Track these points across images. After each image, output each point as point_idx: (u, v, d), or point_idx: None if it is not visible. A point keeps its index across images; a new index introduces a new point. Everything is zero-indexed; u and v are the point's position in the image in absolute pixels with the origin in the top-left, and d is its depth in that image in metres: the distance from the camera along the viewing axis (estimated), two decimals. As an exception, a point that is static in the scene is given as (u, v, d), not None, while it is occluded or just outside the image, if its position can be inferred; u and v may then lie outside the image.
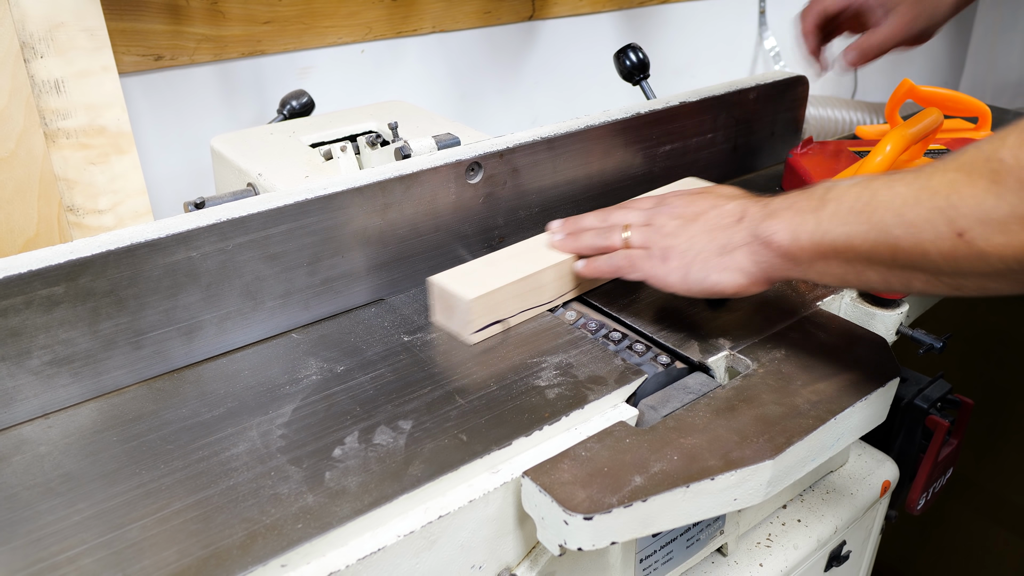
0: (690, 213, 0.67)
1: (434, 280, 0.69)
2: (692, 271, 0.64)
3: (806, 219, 0.57)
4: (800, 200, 0.59)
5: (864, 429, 0.62)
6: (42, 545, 0.48)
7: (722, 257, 0.62)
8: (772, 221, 0.59)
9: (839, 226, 0.55)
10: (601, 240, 0.71)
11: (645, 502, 0.50)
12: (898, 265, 0.52)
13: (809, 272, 0.58)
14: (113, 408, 0.60)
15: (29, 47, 0.85)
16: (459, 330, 0.68)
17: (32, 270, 0.55)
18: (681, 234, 0.65)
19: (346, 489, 0.51)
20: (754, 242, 0.60)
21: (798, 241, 0.57)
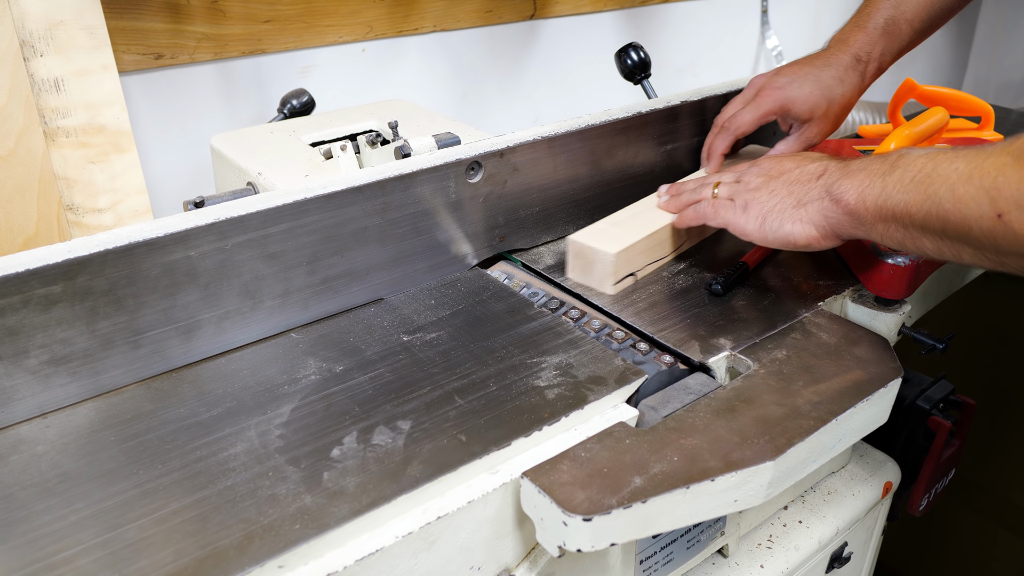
0: (775, 171, 0.71)
1: (573, 238, 0.76)
2: (768, 220, 0.68)
3: (874, 182, 0.61)
4: (874, 163, 0.62)
5: (866, 430, 0.62)
6: (39, 545, 0.47)
7: (796, 209, 0.67)
8: (845, 180, 0.64)
9: (900, 193, 0.58)
10: (695, 195, 0.77)
11: (645, 503, 0.50)
12: (948, 236, 0.56)
13: (872, 232, 0.63)
14: (111, 408, 0.60)
15: (29, 45, 0.85)
16: (598, 283, 0.75)
17: (30, 269, 0.55)
18: (763, 188, 0.70)
19: (344, 490, 0.51)
20: (826, 198, 0.65)
21: (863, 202, 0.62)
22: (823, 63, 0.87)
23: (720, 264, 0.81)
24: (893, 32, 0.88)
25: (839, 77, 0.86)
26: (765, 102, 0.86)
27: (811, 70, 0.86)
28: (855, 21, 0.90)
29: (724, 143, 0.89)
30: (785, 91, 0.86)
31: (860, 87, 0.88)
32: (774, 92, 0.86)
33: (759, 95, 0.87)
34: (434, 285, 0.77)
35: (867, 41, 0.88)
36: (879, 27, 0.88)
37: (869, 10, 0.90)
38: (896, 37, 0.89)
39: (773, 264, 0.81)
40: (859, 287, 0.77)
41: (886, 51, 0.89)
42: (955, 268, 0.91)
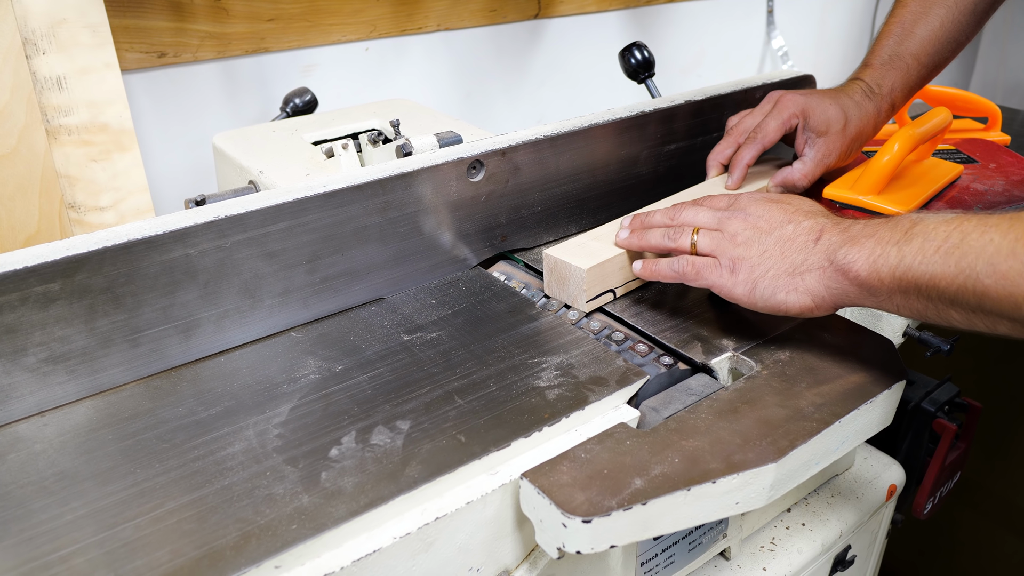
0: (764, 224, 0.65)
1: (548, 252, 0.73)
2: (760, 287, 0.62)
3: (888, 251, 0.56)
4: (883, 230, 0.58)
5: (870, 432, 0.61)
6: (34, 544, 0.47)
7: (792, 277, 0.61)
8: (851, 248, 0.58)
9: (923, 264, 0.54)
10: (668, 242, 0.69)
11: (645, 505, 0.49)
12: (984, 311, 0.52)
13: (885, 303, 0.58)
14: (109, 406, 0.59)
15: (31, 43, 0.85)
16: (572, 299, 0.72)
17: (28, 266, 0.54)
18: (752, 245, 0.64)
19: (342, 490, 0.51)
20: (829, 267, 0.60)
21: (877, 273, 0.57)
22: (838, 91, 0.88)
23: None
24: (899, 66, 0.89)
25: (855, 102, 0.87)
26: (786, 107, 0.85)
27: (827, 92, 0.88)
28: (864, 61, 0.92)
29: (752, 154, 0.86)
30: (805, 99, 0.86)
31: (876, 118, 0.88)
32: (795, 98, 0.86)
33: (779, 104, 0.86)
34: (435, 284, 0.76)
35: (876, 75, 0.89)
36: (884, 61, 0.89)
37: (875, 48, 0.91)
38: (903, 71, 0.89)
39: (777, 265, 0.80)
40: (864, 288, 0.76)
41: (896, 85, 0.89)
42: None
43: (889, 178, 0.84)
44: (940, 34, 0.89)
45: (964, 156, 1.01)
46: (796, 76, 1.03)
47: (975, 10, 0.91)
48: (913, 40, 0.89)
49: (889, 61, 0.89)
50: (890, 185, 0.88)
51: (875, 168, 0.84)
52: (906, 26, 0.89)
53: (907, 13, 0.90)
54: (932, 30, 0.89)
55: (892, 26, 0.91)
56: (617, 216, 0.79)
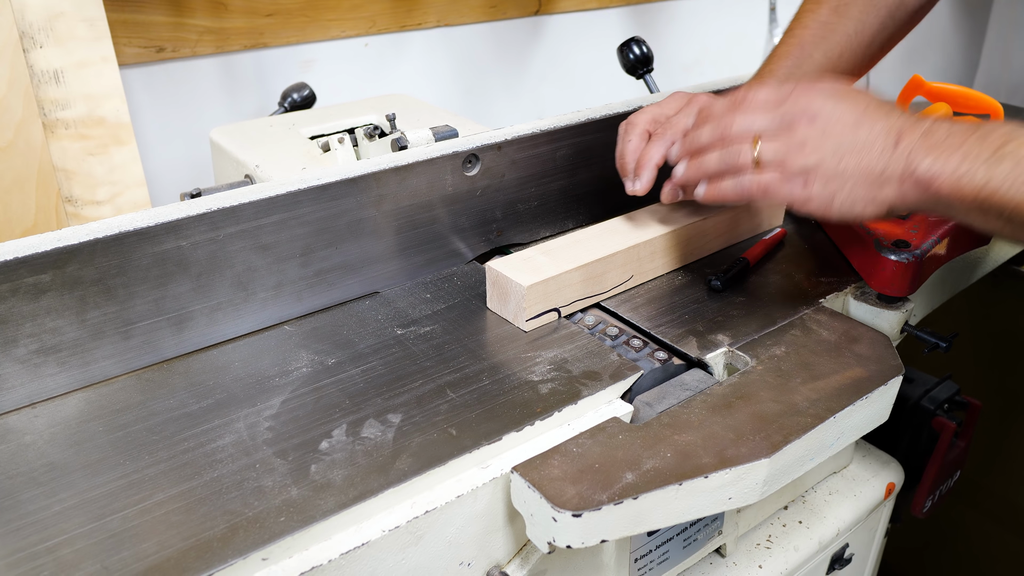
0: (835, 128, 0.59)
1: (491, 265, 0.69)
2: (838, 199, 0.58)
3: (976, 168, 0.53)
4: (970, 141, 0.54)
5: (865, 428, 0.61)
6: (22, 535, 0.47)
7: (870, 188, 0.57)
8: (936, 159, 0.55)
9: (1013, 189, 0.52)
10: (729, 159, 0.62)
11: (636, 499, 0.49)
12: None
13: (959, 216, 0.56)
14: (100, 398, 0.59)
15: (28, 37, 0.85)
16: (513, 317, 0.68)
17: (18, 257, 0.54)
18: (822, 151, 0.58)
19: (331, 482, 0.50)
20: (910, 178, 0.56)
21: (960, 190, 0.54)
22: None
23: (720, 260, 0.79)
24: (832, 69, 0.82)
25: None
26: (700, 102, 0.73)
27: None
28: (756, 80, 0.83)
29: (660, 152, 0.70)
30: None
31: None
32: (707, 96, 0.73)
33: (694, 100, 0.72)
34: (430, 279, 0.76)
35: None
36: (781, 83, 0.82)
37: (770, 67, 0.82)
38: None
39: (774, 260, 0.80)
40: (862, 284, 0.75)
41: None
42: (961, 266, 0.89)
43: (888, 174, 0.83)
44: (838, 63, 0.82)
45: (965, 153, 1.00)
46: (796, 72, 1.03)
47: (872, 43, 0.84)
48: (811, 64, 0.81)
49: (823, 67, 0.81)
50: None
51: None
52: (805, 48, 0.81)
53: (807, 34, 0.82)
54: (830, 58, 0.82)
55: (790, 46, 0.82)
56: (614, 213, 0.78)
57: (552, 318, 0.69)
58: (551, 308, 0.68)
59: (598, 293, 0.71)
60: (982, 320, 1.24)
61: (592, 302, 0.71)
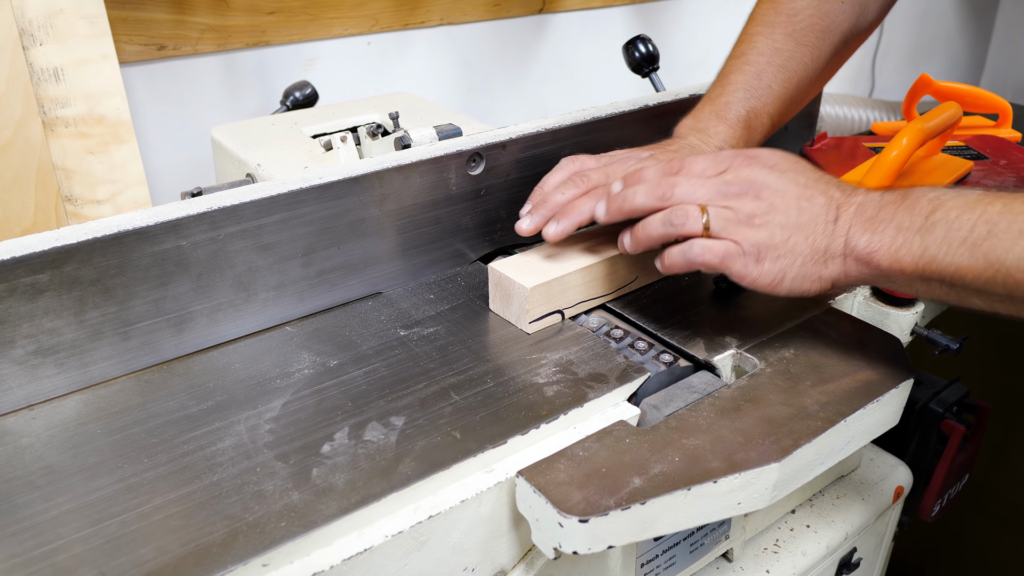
0: (779, 201, 0.59)
1: (494, 267, 0.68)
2: (788, 278, 0.58)
3: (910, 240, 0.54)
4: (900, 213, 0.55)
5: (876, 432, 0.60)
6: (18, 540, 0.46)
7: (817, 266, 0.58)
8: (872, 235, 0.56)
9: (948, 256, 0.52)
10: (671, 228, 0.60)
11: (644, 505, 0.48)
12: (1011, 300, 0.51)
13: (904, 288, 0.57)
14: (99, 400, 0.58)
15: (28, 34, 0.84)
16: (516, 319, 0.67)
17: (15, 257, 0.53)
18: (774, 229, 0.58)
19: (333, 486, 0.50)
20: (849, 256, 0.57)
21: (899, 263, 0.55)
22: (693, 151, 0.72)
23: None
24: (754, 125, 0.76)
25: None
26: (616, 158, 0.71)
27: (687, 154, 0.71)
28: (711, 109, 0.76)
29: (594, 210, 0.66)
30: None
31: None
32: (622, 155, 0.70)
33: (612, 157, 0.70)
34: (434, 279, 0.75)
35: (730, 135, 0.74)
36: (740, 120, 0.75)
37: (725, 97, 0.76)
38: (757, 131, 0.77)
39: (782, 261, 0.79)
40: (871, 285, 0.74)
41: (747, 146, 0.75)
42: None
43: (897, 173, 0.82)
44: (795, 93, 0.78)
45: (974, 152, 0.99)
46: (803, 71, 1.02)
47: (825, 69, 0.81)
48: (770, 96, 0.76)
49: (746, 119, 0.75)
50: (898, 180, 0.86)
51: (883, 163, 0.82)
52: (762, 77, 0.76)
53: (762, 61, 0.77)
54: (787, 88, 0.77)
55: (746, 74, 0.77)
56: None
57: (555, 320, 0.68)
58: (555, 310, 0.67)
59: (603, 295, 0.70)
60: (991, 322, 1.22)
61: (596, 304, 0.70)
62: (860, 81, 2.07)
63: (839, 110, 1.62)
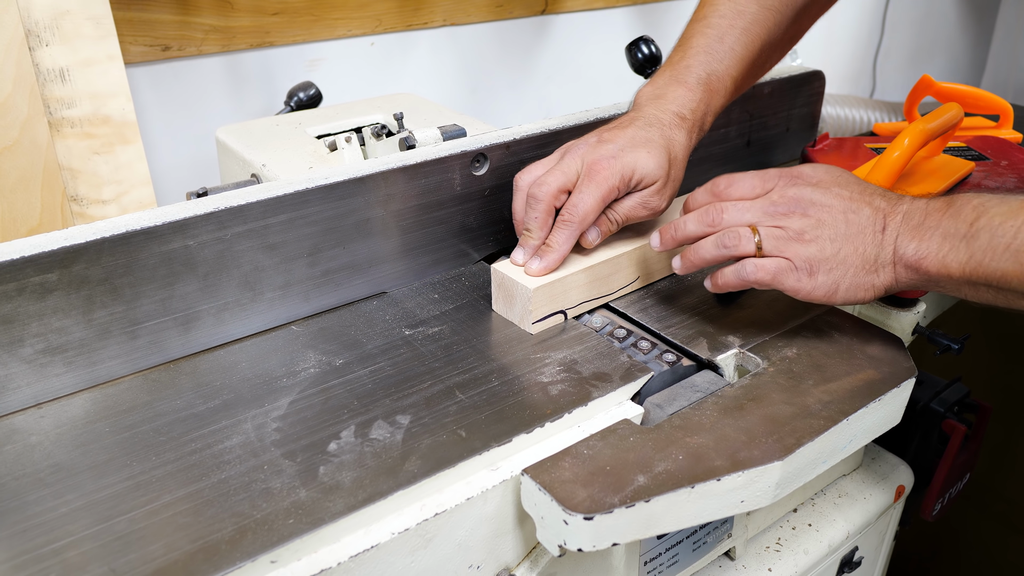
0: (827, 216, 0.61)
1: (497, 267, 0.68)
2: (842, 288, 0.60)
3: (957, 247, 0.56)
4: (946, 221, 0.57)
5: (878, 431, 0.60)
6: (28, 536, 0.47)
7: (869, 275, 0.60)
8: (920, 243, 0.58)
9: (994, 261, 0.54)
10: (724, 250, 0.62)
11: (648, 502, 0.49)
12: None
13: (952, 292, 0.59)
14: (107, 399, 0.59)
15: (34, 35, 0.85)
16: (519, 320, 0.67)
17: (25, 256, 0.54)
18: (824, 243, 0.60)
19: (340, 484, 0.50)
20: (899, 263, 0.59)
21: (946, 269, 0.56)
22: (646, 123, 0.70)
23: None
24: (715, 87, 0.74)
25: (669, 138, 0.69)
26: (605, 179, 0.66)
27: (636, 132, 0.69)
28: (671, 74, 0.74)
29: (570, 240, 0.67)
30: (621, 160, 0.66)
31: (687, 147, 0.72)
32: (610, 163, 0.66)
33: (593, 171, 0.66)
34: (438, 279, 0.75)
35: (690, 97, 0.72)
36: (701, 82, 0.73)
37: (686, 61, 0.74)
38: (718, 93, 0.74)
39: (784, 261, 0.79)
40: (873, 285, 0.75)
41: (708, 109, 0.74)
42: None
43: (899, 174, 0.83)
44: (757, 57, 0.77)
45: (975, 153, 1.00)
46: (805, 72, 1.02)
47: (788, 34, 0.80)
48: (732, 59, 0.74)
49: (706, 81, 0.73)
50: (900, 181, 0.87)
51: (885, 164, 0.83)
52: (725, 40, 0.74)
53: (724, 24, 0.75)
54: (751, 51, 0.75)
55: (707, 36, 0.74)
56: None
57: (558, 320, 0.68)
58: (557, 310, 0.68)
59: (605, 295, 0.71)
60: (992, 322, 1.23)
61: (599, 304, 0.71)
62: (861, 82, 2.07)
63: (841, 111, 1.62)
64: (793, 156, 1.07)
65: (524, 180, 0.70)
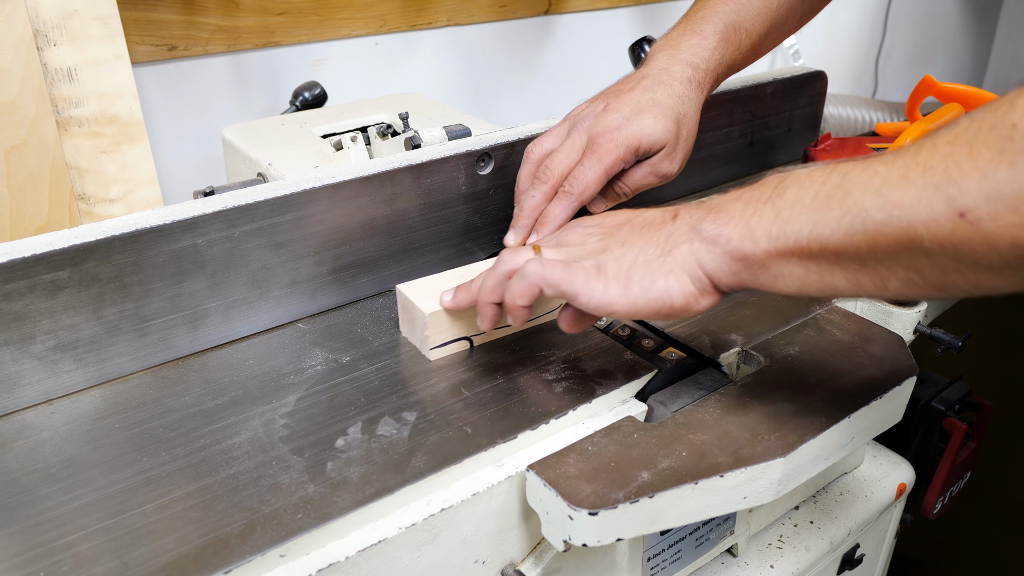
0: (609, 223, 0.56)
1: (400, 288, 0.64)
2: (635, 279, 0.51)
3: (761, 210, 0.47)
4: (748, 191, 0.49)
5: (879, 429, 0.61)
6: (40, 530, 0.47)
7: (664, 257, 0.51)
8: (718, 215, 0.50)
9: (803, 214, 0.45)
10: (505, 266, 0.57)
11: (652, 498, 0.49)
12: (875, 259, 0.43)
13: (761, 277, 0.49)
14: (116, 395, 0.59)
15: (42, 35, 0.85)
16: (420, 345, 0.64)
17: (36, 254, 0.54)
18: (610, 242, 0.54)
19: (348, 480, 0.51)
20: (696, 239, 0.50)
21: (752, 235, 0.47)
22: (653, 82, 0.68)
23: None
24: (732, 40, 0.71)
25: (678, 95, 0.68)
26: (608, 152, 0.65)
27: (642, 96, 0.67)
28: (686, 24, 0.72)
29: (567, 211, 0.66)
30: (626, 131, 0.65)
31: (698, 102, 0.70)
32: (614, 136, 0.65)
33: (596, 144, 0.66)
34: (443, 278, 0.76)
35: (704, 46, 0.70)
36: (718, 31, 0.70)
37: (704, 12, 0.72)
38: (735, 46, 0.71)
39: (787, 260, 0.79)
40: (874, 284, 0.75)
41: (723, 61, 0.71)
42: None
43: (901, 174, 0.83)
44: (777, 15, 0.74)
45: (977, 154, 1.00)
46: (807, 72, 1.03)
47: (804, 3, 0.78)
48: (751, 12, 0.71)
49: (723, 31, 0.70)
50: (902, 182, 0.87)
51: (887, 164, 0.83)
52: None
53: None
54: (771, 9, 0.73)
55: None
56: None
57: (463, 347, 0.64)
58: (461, 336, 0.64)
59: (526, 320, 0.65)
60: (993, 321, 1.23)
61: (512, 332, 0.66)
62: (863, 82, 2.07)
63: (843, 111, 1.62)
64: (795, 156, 1.07)
65: (535, 153, 0.70)
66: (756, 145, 1.01)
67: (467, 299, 0.61)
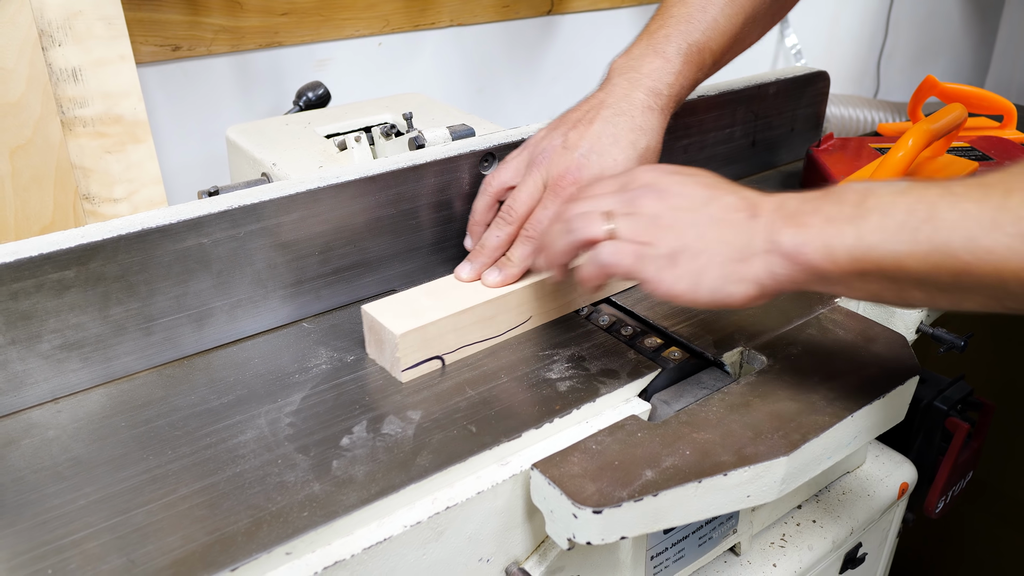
0: (685, 202, 0.54)
1: (366, 309, 0.62)
2: (705, 279, 0.52)
3: (843, 231, 0.48)
4: (828, 205, 0.49)
5: (881, 428, 0.61)
6: (47, 528, 0.47)
7: (738, 264, 0.51)
8: (797, 230, 0.50)
9: (887, 243, 0.46)
10: (575, 233, 0.56)
11: (656, 496, 0.49)
12: (958, 288, 0.45)
13: (838, 288, 0.50)
14: (122, 394, 0.60)
15: (47, 35, 0.86)
16: (390, 366, 0.62)
17: (43, 253, 0.55)
18: (684, 229, 0.53)
19: (353, 478, 0.51)
20: (774, 251, 0.50)
21: (832, 256, 0.48)
22: (613, 112, 0.67)
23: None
24: (695, 61, 0.70)
25: (639, 126, 0.67)
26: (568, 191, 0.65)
27: (603, 129, 0.66)
28: (647, 43, 0.70)
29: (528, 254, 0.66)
30: (586, 171, 0.65)
31: (661, 129, 0.68)
32: (575, 176, 0.65)
33: (557, 186, 0.65)
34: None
35: (667, 71, 0.68)
36: (681, 53, 0.69)
37: (665, 30, 0.70)
38: (698, 67, 0.70)
39: (789, 260, 0.80)
40: (877, 284, 0.75)
41: (686, 84, 0.70)
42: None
43: (903, 173, 0.84)
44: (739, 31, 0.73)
45: (979, 154, 1.00)
46: (809, 72, 1.03)
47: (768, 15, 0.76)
48: (715, 31, 0.70)
49: (687, 53, 0.69)
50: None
51: (889, 164, 0.83)
52: (708, 11, 0.70)
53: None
54: (734, 25, 0.71)
55: (689, 5, 0.70)
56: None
57: (435, 367, 0.63)
58: (433, 356, 0.62)
59: (490, 336, 0.65)
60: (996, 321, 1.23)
61: (484, 347, 0.65)
62: (865, 82, 2.07)
63: (845, 111, 1.63)
64: (798, 156, 1.08)
65: (493, 186, 0.70)
66: (759, 145, 1.01)
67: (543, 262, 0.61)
